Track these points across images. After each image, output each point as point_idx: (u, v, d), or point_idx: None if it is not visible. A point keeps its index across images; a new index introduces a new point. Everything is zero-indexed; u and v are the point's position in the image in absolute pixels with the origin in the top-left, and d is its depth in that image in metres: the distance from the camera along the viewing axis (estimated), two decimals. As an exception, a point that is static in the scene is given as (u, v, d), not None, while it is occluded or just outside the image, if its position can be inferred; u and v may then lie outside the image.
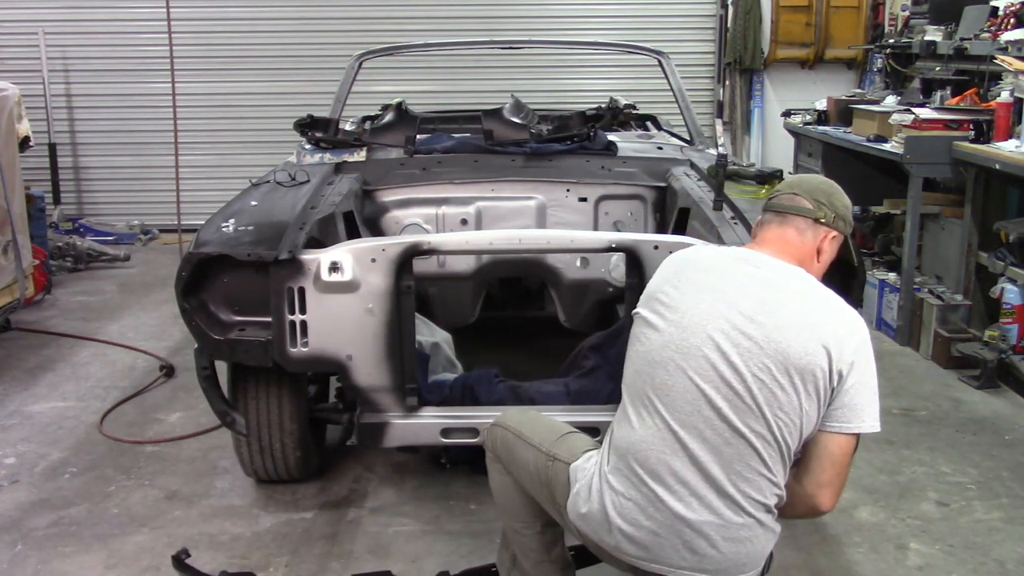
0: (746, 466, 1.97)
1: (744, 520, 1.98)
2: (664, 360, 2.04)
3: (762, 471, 1.98)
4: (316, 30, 7.92)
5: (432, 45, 5.91)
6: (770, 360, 1.96)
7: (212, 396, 3.11)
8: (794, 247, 2.16)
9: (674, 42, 7.51)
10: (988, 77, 5.23)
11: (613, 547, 2.07)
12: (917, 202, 5.04)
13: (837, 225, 2.20)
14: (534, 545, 2.38)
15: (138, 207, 8.08)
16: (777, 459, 1.99)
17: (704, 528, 1.98)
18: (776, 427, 1.96)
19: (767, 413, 1.96)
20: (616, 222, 4.09)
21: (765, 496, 1.99)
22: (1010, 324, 4.52)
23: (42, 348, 5.09)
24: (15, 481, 3.55)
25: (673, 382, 2.01)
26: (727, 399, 1.97)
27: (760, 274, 2.08)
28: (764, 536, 2.02)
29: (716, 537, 1.98)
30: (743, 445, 1.96)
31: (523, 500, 2.37)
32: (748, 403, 1.96)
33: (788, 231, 2.18)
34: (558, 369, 3.39)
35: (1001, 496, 3.43)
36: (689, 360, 2.00)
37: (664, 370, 2.03)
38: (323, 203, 3.47)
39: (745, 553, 2.00)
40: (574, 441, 2.30)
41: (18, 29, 7.81)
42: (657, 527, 2.00)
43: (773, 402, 1.95)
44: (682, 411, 1.99)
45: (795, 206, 2.19)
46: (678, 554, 2.00)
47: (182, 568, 2.75)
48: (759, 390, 1.95)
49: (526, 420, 2.43)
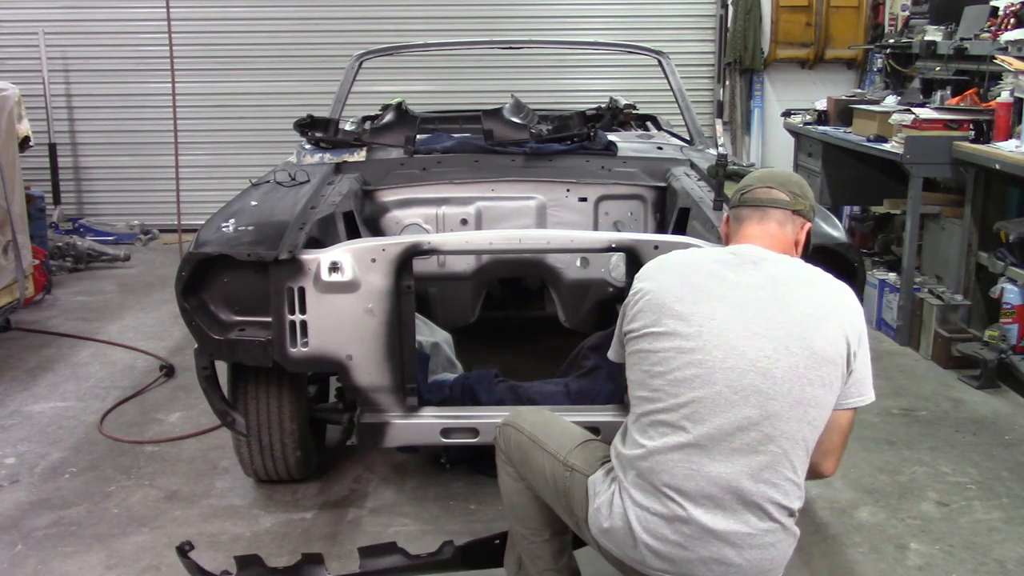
0: (774, 472, 1.95)
1: (769, 526, 1.97)
2: (689, 377, 1.98)
3: (789, 475, 1.97)
4: (316, 30, 7.93)
5: (432, 45, 5.90)
6: (798, 359, 1.95)
7: (212, 396, 3.11)
8: (776, 240, 2.18)
9: (674, 42, 7.51)
10: (988, 77, 5.23)
11: (639, 562, 2.03)
12: (917, 202, 5.04)
13: (810, 215, 2.24)
14: (542, 553, 2.36)
15: (138, 207, 8.09)
16: (804, 457, 2.00)
17: (731, 538, 1.95)
18: (805, 427, 1.97)
19: (798, 414, 1.95)
20: (616, 222, 4.09)
21: (790, 500, 1.99)
22: (1010, 324, 4.52)
23: (42, 348, 5.09)
24: (15, 481, 3.55)
25: (701, 396, 1.96)
26: (758, 407, 1.94)
27: (764, 271, 2.07)
28: (786, 541, 2.02)
29: (743, 546, 1.96)
30: (774, 451, 1.95)
31: (534, 506, 2.35)
32: (779, 408, 1.94)
33: (769, 225, 2.18)
34: (558, 369, 3.39)
35: (1001, 496, 3.43)
36: (716, 373, 1.96)
37: (689, 387, 1.98)
38: (323, 203, 3.47)
39: (769, 559, 1.99)
40: (592, 450, 2.25)
41: (18, 29, 7.82)
42: (684, 540, 1.97)
43: (804, 401, 1.95)
44: (710, 425, 1.95)
45: (773, 199, 2.19)
46: (705, 566, 1.97)
47: (185, 560, 2.71)
48: (789, 392, 1.94)
49: (540, 423, 2.39)
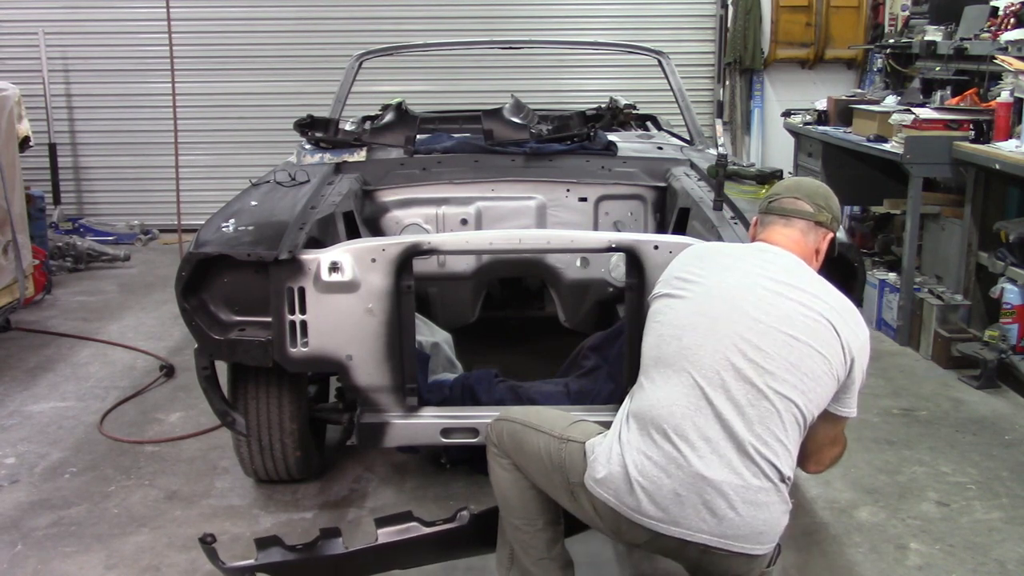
0: (766, 429, 2.04)
1: (762, 484, 2.04)
2: (693, 323, 2.14)
3: (780, 436, 2.06)
4: (316, 30, 7.93)
5: (432, 45, 5.91)
6: (798, 329, 2.08)
7: (212, 396, 3.11)
8: (799, 247, 2.32)
9: (674, 42, 7.52)
10: (988, 77, 5.23)
11: (634, 508, 2.08)
12: (917, 202, 5.04)
13: (833, 226, 2.40)
14: (534, 543, 2.38)
15: (138, 207, 8.09)
16: (794, 426, 2.08)
17: (724, 488, 2.03)
18: (798, 392, 2.06)
19: (791, 378, 2.05)
20: (616, 222, 4.09)
21: (781, 463, 2.07)
22: (1010, 324, 4.52)
23: (42, 348, 5.09)
24: (15, 481, 3.55)
25: (702, 341, 2.10)
26: (753, 361, 2.06)
27: (779, 260, 2.25)
28: (779, 505, 2.08)
29: (735, 498, 2.03)
30: (766, 407, 2.04)
31: (526, 496, 2.38)
32: (775, 367, 2.05)
33: (793, 232, 2.34)
34: (558, 369, 3.39)
35: (1001, 496, 3.43)
36: (719, 323, 2.11)
37: (693, 331, 2.13)
38: (323, 203, 3.47)
39: (763, 520, 2.05)
40: (586, 426, 2.34)
41: (18, 29, 7.82)
42: (678, 486, 2.04)
43: (801, 366, 2.06)
44: (710, 369, 2.08)
45: (798, 209, 2.35)
46: (699, 516, 2.04)
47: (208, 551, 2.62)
48: (787, 354, 2.06)
49: (533, 411, 2.48)
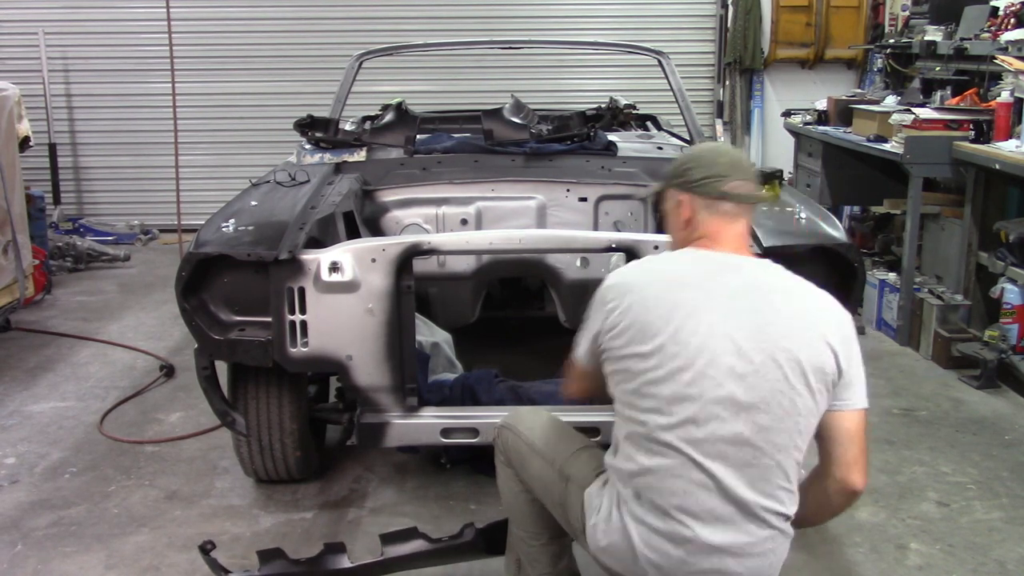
0: (768, 483, 1.94)
1: (769, 533, 1.97)
2: (680, 397, 1.93)
3: (783, 484, 1.96)
4: (316, 30, 7.92)
5: (432, 45, 5.91)
6: (785, 370, 1.92)
7: (212, 396, 3.11)
8: (744, 238, 2.10)
9: (674, 42, 7.50)
10: (988, 77, 5.23)
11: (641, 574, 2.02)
12: (917, 202, 5.04)
13: None
14: (540, 557, 2.36)
15: (138, 207, 8.08)
16: (794, 467, 1.98)
17: (733, 549, 1.95)
18: (796, 436, 1.95)
19: (788, 425, 1.93)
20: (616, 222, 4.09)
21: (785, 507, 1.98)
22: (1010, 324, 4.52)
23: (42, 348, 5.09)
24: (15, 481, 3.55)
25: (693, 415, 1.92)
26: (750, 422, 1.91)
27: (743, 280, 2.01)
28: (784, 544, 2.02)
29: (744, 555, 1.96)
30: (767, 464, 1.93)
31: (532, 510, 2.34)
32: (770, 421, 1.92)
33: (741, 224, 2.08)
34: (558, 369, 3.38)
35: (1001, 496, 3.43)
36: (706, 393, 1.91)
37: (680, 407, 1.93)
38: (323, 203, 3.47)
39: (768, 565, 1.99)
40: (587, 459, 2.23)
41: (18, 29, 7.81)
42: (686, 554, 1.96)
43: (794, 411, 1.92)
44: (705, 441, 1.92)
45: (752, 195, 2.09)
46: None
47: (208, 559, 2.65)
48: (780, 404, 1.92)
49: (537, 426, 2.37)
